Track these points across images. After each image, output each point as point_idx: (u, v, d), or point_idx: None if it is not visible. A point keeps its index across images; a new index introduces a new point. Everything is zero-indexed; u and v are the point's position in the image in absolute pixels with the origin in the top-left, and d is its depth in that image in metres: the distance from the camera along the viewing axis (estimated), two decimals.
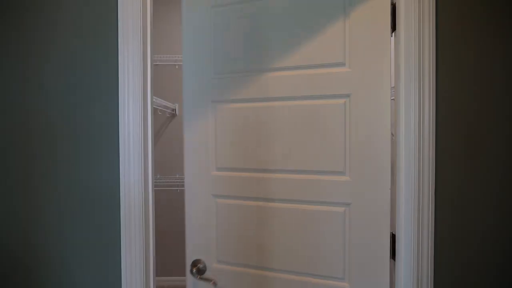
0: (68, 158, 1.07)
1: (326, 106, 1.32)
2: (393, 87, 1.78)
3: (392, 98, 1.39)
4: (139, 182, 1.05)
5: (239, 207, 1.41)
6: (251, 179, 1.40)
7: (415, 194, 1.11)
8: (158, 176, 3.30)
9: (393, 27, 1.19)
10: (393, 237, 1.21)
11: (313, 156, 1.35)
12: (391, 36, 1.21)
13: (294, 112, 1.35)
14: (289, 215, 1.36)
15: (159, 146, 3.33)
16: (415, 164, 1.11)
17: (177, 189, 3.30)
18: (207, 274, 1.41)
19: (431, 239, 1.12)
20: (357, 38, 1.30)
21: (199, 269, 1.39)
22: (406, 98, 1.14)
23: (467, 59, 1.12)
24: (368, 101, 1.28)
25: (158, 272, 3.24)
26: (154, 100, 2.82)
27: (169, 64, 3.23)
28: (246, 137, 1.41)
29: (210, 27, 1.43)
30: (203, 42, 1.44)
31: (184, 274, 3.18)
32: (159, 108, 3.10)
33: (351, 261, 1.30)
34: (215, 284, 1.29)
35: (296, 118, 1.34)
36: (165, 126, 3.33)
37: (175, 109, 3.31)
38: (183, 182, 3.21)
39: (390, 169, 1.23)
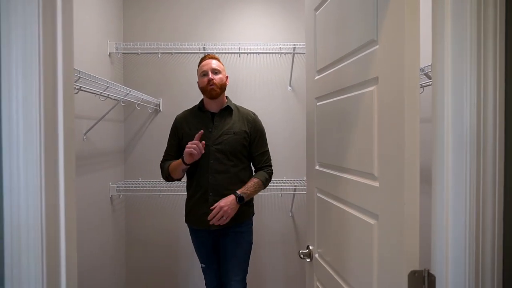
0: None
1: (354, 96, 1.13)
2: (425, 66, 1.40)
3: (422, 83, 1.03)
4: (35, 212, 0.66)
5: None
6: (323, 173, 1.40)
7: (471, 216, 0.72)
8: (140, 180, 2.92)
9: None
10: (429, 277, 0.82)
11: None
12: None
13: (332, 107, 1.30)
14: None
15: (140, 147, 2.94)
16: (471, 172, 0.72)
17: (159, 195, 2.92)
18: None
19: (499, 284, 0.73)
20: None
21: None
22: (455, 78, 0.75)
23: None
24: (392, 84, 0.90)
25: None
26: (128, 92, 2.45)
27: (150, 53, 2.85)
28: (318, 134, 1.47)
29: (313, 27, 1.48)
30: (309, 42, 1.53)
31: None
32: (137, 102, 2.72)
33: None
34: None
35: (335, 113, 1.28)
36: (147, 123, 2.95)
37: (159, 104, 2.93)
38: (166, 186, 2.82)
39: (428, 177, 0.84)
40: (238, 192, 1.91)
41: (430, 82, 1.21)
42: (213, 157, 1.91)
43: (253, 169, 2.10)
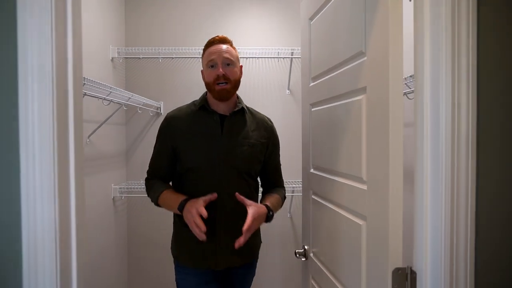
0: None
1: (345, 104, 1.21)
2: (405, 78, 1.46)
3: (404, 91, 1.10)
4: (50, 220, 0.71)
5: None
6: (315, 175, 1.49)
7: (447, 215, 0.79)
8: (142, 181, 2.98)
9: None
10: (411, 273, 0.88)
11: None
12: (410, 0, 0.89)
13: (325, 113, 1.37)
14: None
15: (141, 149, 3.01)
16: (446, 178, 0.79)
17: None
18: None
19: (471, 280, 0.79)
20: (371, 17, 1.00)
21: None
22: (433, 85, 0.81)
23: None
24: (379, 92, 0.96)
25: None
26: (130, 97, 2.52)
27: (151, 57, 2.92)
28: (313, 139, 1.54)
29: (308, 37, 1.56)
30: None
31: None
32: (139, 106, 2.79)
33: (365, 285, 1.02)
34: None
35: (328, 119, 1.35)
36: (149, 126, 3.02)
37: (160, 107, 2.99)
38: None
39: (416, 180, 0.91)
40: (268, 204, 1.43)
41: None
42: (223, 175, 1.39)
43: (260, 190, 1.63)
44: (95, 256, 2.42)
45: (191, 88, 2.93)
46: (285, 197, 1.60)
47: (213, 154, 1.39)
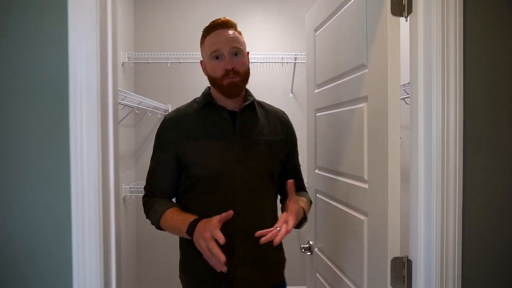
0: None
1: (348, 110, 1.32)
2: (402, 84, 1.57)
3: (402, 97, 1.21)
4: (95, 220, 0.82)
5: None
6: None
7: (438, 210, 0.90)
8: None
9: (409, 9, 0.99)
10: (407, 262, 1.00)
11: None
12: (406, 20, 1.01)
13: (329, 118, 1.48)
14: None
15: (150, 150, 3.12)
16: (437, 176, 0.90)
17: None
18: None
19: (458, 267, 0.91)
20: (371, 31, 1.12)
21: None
22: (426, 93, 0.93)
23: (503, 43, 0.92)
24: (379, 102, 1.08)
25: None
26: (142, 100, 2.63)
27: (160, 62, 3.04)
28: (318, 141, 1.65)
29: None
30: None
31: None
32: (149, 109, 2.90)
33: (367, 274, 1.18)
34: None
35: (332, 124, 1.46)
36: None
37: (168, 110, 3.11)
38: None
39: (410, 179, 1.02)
40: (305, 208, 1.24)
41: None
42: (239, 180, 1.17)
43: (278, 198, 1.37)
44: None
45: (198, 90, 3.04)
46: (311, 202, 1.38)
47: (228, 156, 1.16)
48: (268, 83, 3.12)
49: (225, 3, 3.11)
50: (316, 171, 1.64)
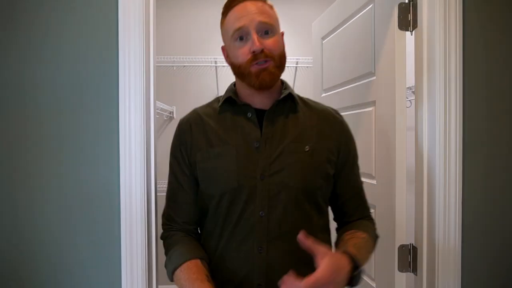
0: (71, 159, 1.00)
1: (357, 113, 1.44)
2: (409, 87, 1.70)
3: (408, 99, 1.33)
4: (141, 187, 0.98)
5: None
6: None
7: (440, 203, 1.03)
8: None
9: (414, 25, 1.11)
10: (412, 248, 1.12)
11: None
12: (411, 34, 1.13)
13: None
14: None
15: (156, 151, 3.22)
16: (439, 172, 1.03)
17: None
18: None
19: (458, 253, 1.03)
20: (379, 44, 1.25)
21: None
22: (430, 99, 1.06)
23: (498, 53, 1.05)
24: (386, 106, 1.21)
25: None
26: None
27: (166, 65, 3.14)
28: None
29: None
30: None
31: None
32: (157, 111, 2.99)
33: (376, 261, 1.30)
34: None
35: None
36: (162, 129, 3.23)
37: (173, 112, 3.21)
38: None
39: (416, 177, 1.15)
40: (353, 254, 0.79)
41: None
42: (267, 203, 0.86)
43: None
44: None
45: (203, 92, 3.16)
46: (377, 237, 0.96)
47: (250, 170, 0.86)
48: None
49: None
50: None
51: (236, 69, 0.89)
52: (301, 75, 3.21)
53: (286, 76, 3.26)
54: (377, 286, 1.25)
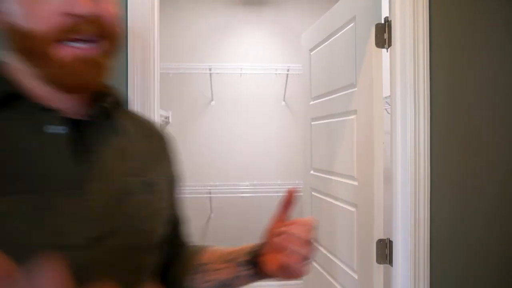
0: None
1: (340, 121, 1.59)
2: (386, 97, 1.84)
3: (385, 107, 1.47)
4: None
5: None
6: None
7: (412, 201, 1.16)
8: None
9: (389, 43, 1.25)
10: (389, 242, 1.26)
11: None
12: (387, 51, 1.27)
13: (324, 126, 1.74)
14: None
15: None
16: (411, 173, 1.17)
17: None
18: None
19: (427, 245, 1.17)
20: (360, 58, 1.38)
21: None
22: (402, 108, 1.19)
23: (460, 68, 1.19)
24: (366, 115, 1.34)
25: None
26: None
27: (162, 72, 3.25)
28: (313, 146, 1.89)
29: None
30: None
31: None
32: None
33: (356, 255, 1.42)
34: None
35: (326, 132, 1.73)
36: None
37: (169, 117, 3.32)
38: None
39: (390, 177, 1.28)
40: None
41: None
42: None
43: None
44: None
45: (197, 98, 3.28)
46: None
47: (68, 231, 0.46)
48: (262, 92, 3.37)
49: (224, 13, 3.35)
50: (311, 172, 1.90)
51: (21, 42, 0.47)
52: (292, 83, 3.35)
53: (278, 83, 3.42)
54: (358, 277, 1.38)
